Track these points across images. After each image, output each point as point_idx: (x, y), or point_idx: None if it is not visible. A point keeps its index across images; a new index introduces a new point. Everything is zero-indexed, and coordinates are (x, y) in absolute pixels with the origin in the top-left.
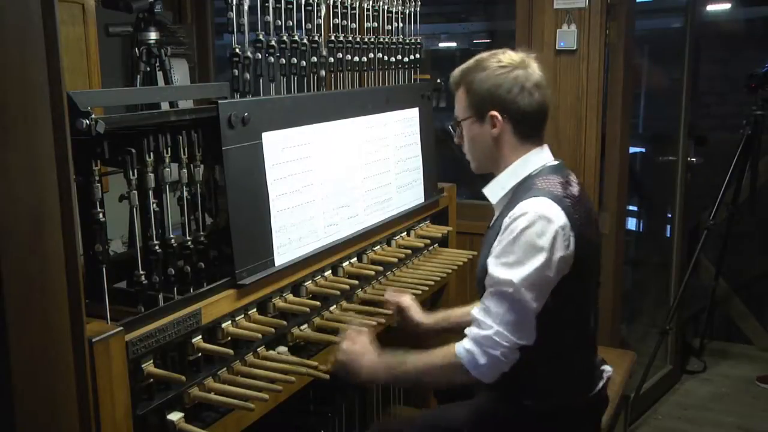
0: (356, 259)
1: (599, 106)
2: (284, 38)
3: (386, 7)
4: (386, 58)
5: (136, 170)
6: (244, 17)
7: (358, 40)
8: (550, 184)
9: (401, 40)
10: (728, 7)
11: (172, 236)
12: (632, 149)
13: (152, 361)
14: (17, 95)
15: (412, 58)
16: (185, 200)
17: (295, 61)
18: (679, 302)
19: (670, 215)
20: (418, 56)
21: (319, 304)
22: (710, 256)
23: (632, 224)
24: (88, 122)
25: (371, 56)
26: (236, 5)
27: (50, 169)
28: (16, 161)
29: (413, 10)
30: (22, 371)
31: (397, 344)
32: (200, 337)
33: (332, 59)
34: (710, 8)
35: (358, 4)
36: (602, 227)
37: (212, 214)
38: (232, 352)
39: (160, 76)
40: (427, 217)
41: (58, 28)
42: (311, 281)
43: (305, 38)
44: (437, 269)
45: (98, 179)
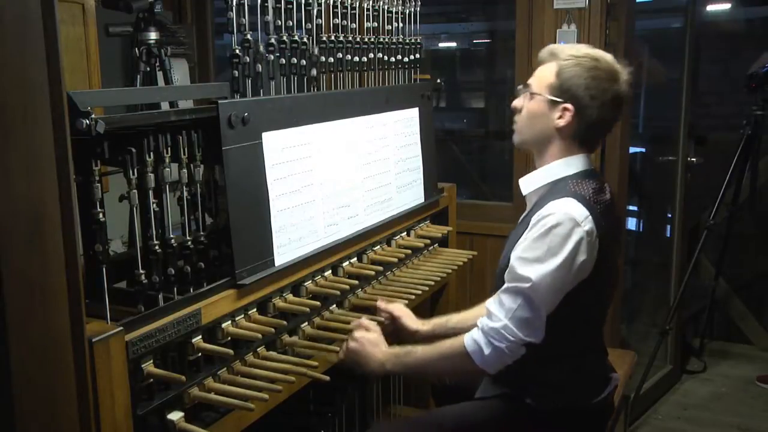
0: (356, 259)
1: None
2: (284, 38)
3: (386, 7)
4: (386, 58)
5: (136, 170)
6: (244, 17)
7: (358, 40)
8: (583, 188)
9: (401, 40)
10: (728, 7)
11: (172, 236)
12: (632, 149)
13: (152, 361)
14: (17, 95)
15: (412, 58)
16: (185, 200)
17: (295, 61)
18: (679, 302)
19: (670, 215)
20: (418, 56)
21: (319, 304)
22: (710, 256)
23: (632, 224)
24: (88, 122)
25: (371, 56)
26: (236, 5)
27: (50, 169)
28: (16, 161)
29: (413, 10)
30: (22, 371)
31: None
32: (200, 337)
33: (332, 59)
34: (710, 8)
35: (358, 4)
36: None
37: (212, 214)
38: (232, 352)
39: (160, 76)
40: (427, 217)
41: (58, 28)
42: (311, 281)
43: (305, 38)
44: (437, 269)
45: (98, 179)
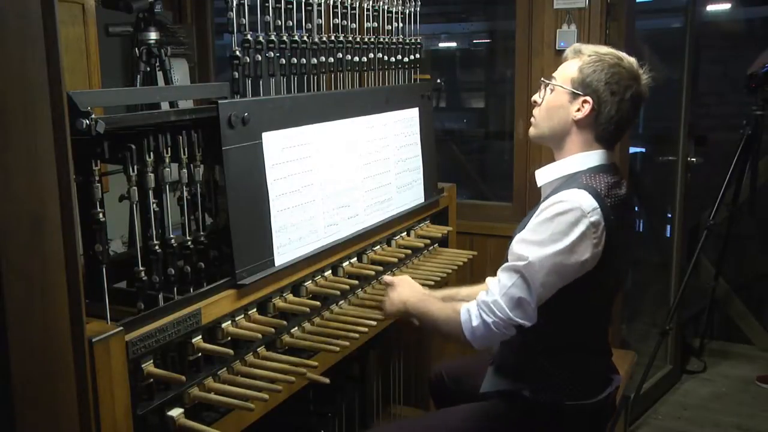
0: (356, 259)
1: None
2: (284, 38)
3: (386, 7)
4: (386, 58)
5: (136, 170)
6: (244, 17)
7: (358, 40)
8: (596, 181)
9: (401, 40)
10: (728, 7)
11: (172, 236)
12: (632, 149)
13: (152, 361)
14: (17, 95)
15: (412, 58)
16: (185, 200)
17: (294, 61)
18: (679, 302)
19: (670, 215)
20: (418, 56)
21: (319, 304)
22: (710, 256)
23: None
24: (88, 122)
25: (371, 56)
26: (236, 5)
27: (50, 169)
28: (16, 161)
29: (413, 10)
30: (22, 371)
31: None
32: (200, 337)
33: (332, 59)
34: (710, 8)
35: (358, 4)
36: None
37: (212, 214)
38: (232, 352)
39: (160, 76)
40: (427, 217)
41: (58, 28)
42: (311, 281)
43: (305, 37)
44: (437, 269)
45: (98, 179)
